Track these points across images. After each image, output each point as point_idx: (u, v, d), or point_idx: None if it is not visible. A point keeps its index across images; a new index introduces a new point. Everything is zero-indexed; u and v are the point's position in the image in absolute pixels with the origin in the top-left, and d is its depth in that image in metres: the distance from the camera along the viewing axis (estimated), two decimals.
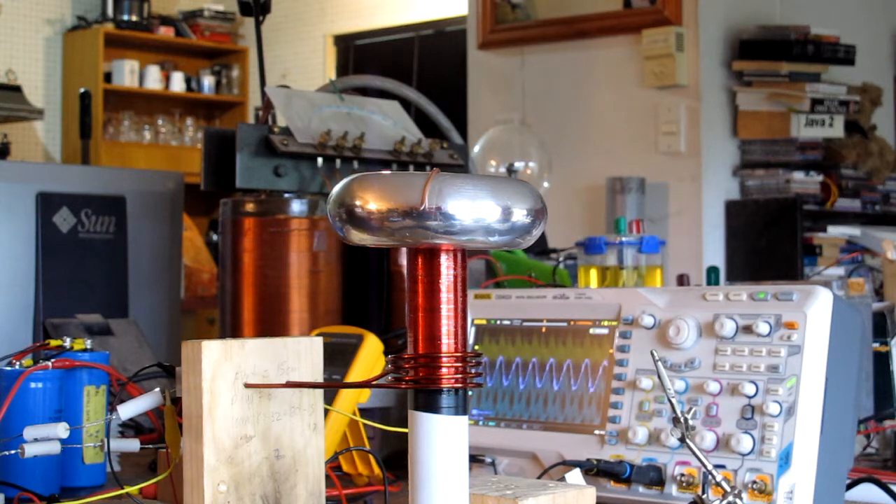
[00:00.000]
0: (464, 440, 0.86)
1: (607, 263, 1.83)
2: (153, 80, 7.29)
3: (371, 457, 1.36)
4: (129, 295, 2.14)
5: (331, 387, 1.32)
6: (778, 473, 1.12)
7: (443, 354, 0.85)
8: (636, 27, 4.29)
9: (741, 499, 1.02)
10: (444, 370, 0.85)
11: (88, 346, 1.37)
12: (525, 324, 1.38)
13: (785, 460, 1.12)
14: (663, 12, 4.22)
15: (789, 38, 4.28)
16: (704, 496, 1.05)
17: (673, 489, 1.18)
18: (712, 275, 2.01)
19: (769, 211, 4.16)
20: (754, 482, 1.12)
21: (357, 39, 7.26)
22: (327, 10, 7.31)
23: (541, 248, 2.50)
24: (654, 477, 1.19)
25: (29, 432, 1.22)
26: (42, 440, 1.22)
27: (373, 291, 1.82)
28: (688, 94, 4.24)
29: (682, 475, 1.18)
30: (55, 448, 1.23)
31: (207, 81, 7.57)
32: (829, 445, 1.13)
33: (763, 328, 1.17)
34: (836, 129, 4.31)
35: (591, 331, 1.32)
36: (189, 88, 7.50)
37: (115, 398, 1.35)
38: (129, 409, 1.13)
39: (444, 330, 0.85)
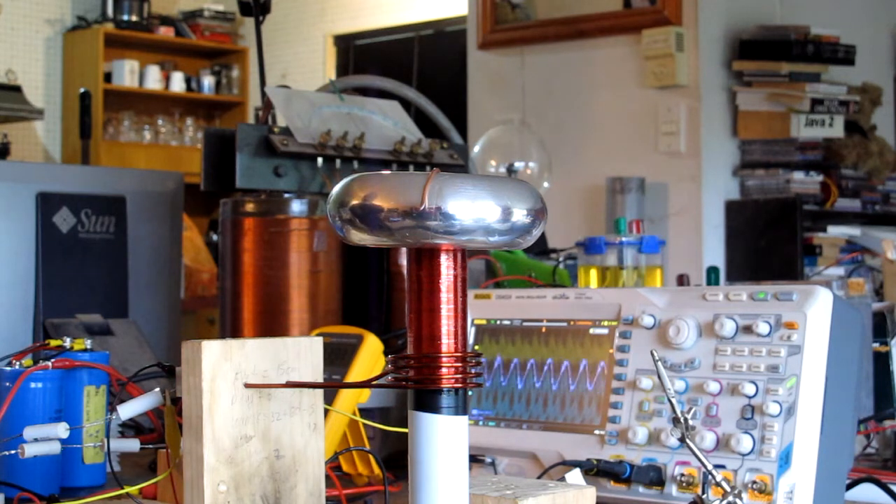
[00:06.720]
0: (464, 440, 0.86)
1: (607, 263, 1.83)
2: (153, 80, 7.29)
3: (371, 457, 1.36)
4: (129, 295, 2.13)
5: (331, 387, 1.32)
6: (778, 473, 1.11)
7: (443, 354, 0.85)
8: (636, 27, 4.29)
9: (741, 499, 1.02)
10: (444, 370, 0.84)
11: (88, 346, 1.37)
12: (525, 324, 1.38)
13: (785, 460, 1.12)
14: (663, 12, 4.22)
15: (789, 38, 4.28)
16: (704, 496, 1.05)
17: (673, 489, 1.18)
18: (712, 275, 2.01)
19: (769, 211, 4.17)
20: (754, 482, 1.12)
21: (357, 39, 7.27)
22: (327, 10, 7.32)
23: (541, 248, 2.50)
24: (654, 477, 1.19)
25: (29, 432, 1.22)
26: (42, 440, 1.22)
27: (373, 291, 1.82)
28: (688, 94, 4.24)
29: (682, 475, 1.18)
30: (55, 448, 1.23)
31: (207, 81, 7.57)
32: (829, 445, 1.13)
33: (763, 328, 1.17)
34: (836, 129, 4.31)
35: (591, 331, 1.32)
36: (189, 88, 7.50)
37: (115, 398, 1.35)
38: (129, 409, 1.13)
39: (444, 330, 0.85)
